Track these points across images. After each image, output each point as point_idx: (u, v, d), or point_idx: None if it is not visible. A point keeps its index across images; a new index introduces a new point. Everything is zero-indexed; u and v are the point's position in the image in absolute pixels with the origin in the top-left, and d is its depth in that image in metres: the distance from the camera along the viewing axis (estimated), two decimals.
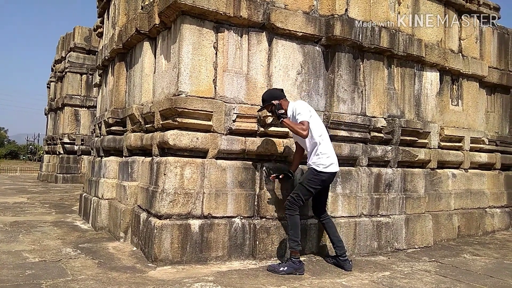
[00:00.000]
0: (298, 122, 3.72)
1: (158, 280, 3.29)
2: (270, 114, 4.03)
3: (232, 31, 4.22)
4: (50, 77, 17.20)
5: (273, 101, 3.85)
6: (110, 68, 6.12)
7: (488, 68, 6.39)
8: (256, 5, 4.21)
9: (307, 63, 4.61)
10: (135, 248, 4.31)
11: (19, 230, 5.14)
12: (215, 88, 4.11)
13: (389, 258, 4.46)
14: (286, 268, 3.62)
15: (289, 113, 3.87)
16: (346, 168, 4.68)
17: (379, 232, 4.72)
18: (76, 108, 14.74)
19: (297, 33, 4.46)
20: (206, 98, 4.03)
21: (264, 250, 4.06)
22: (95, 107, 11.12)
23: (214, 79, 4.10)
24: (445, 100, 5.87)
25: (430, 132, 5.49)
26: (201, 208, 3.92)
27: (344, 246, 4.00)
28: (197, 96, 3.99)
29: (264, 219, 4.13)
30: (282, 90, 4.03)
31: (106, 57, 5.99)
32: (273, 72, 4.40)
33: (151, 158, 4.38)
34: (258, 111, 4.15)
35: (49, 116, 17.02)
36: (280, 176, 4.08)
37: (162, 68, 4.50)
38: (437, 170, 5.64)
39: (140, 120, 4.82)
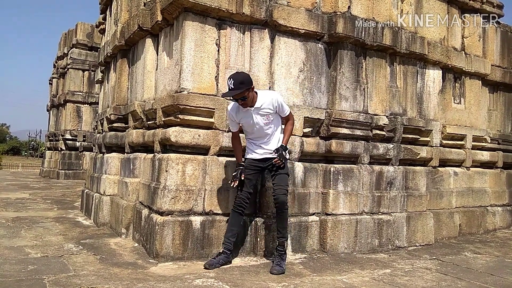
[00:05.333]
0: (287, 114, 3.75)
1: (160, 276, 3.30)
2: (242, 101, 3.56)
3: (234, 28, 4.21)
4: (52, 74, 17.22)
5: (281, 150, 3.65)
6: (112, 64, 6.13)
7: (491, 66, 6.37)
8: (259, 2, 4.20)
9: (309, 60, 4.60)
10: (136, 244, 4.32)
11: (21, 225, 5.16)
12: (217, 85, 4.11)
13: (390, 256, 4.47)
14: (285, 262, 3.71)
15: (266, 104, 3.60)
16: (348, 165, 4.68)
17: (380, 229, 4.72)
18: (78, 105, 14.77)
19: (300, 30, 4.45)
20: (208, 95, 4.03)
21: (265, 247, 4.07)
22: (97, 103, 11.13)
23: (216, 76, 4.10)
24: (448, 98, 5.86)
25: (432, 130, 5.48)
26: (202, 205, 3.93)
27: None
28: (199, 93, 3.99)
29: (265, 216, 4.14)
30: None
31: (108, 54, 6.00)
32: (275, 70, 4.40)
33: (153, 154, 4.39)
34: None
35: (51, 112, 17.06)
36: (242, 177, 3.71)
37: (164, 65, 4.51)
38: (439, 168, 5.63)
39: (142, 116, 4.83)
